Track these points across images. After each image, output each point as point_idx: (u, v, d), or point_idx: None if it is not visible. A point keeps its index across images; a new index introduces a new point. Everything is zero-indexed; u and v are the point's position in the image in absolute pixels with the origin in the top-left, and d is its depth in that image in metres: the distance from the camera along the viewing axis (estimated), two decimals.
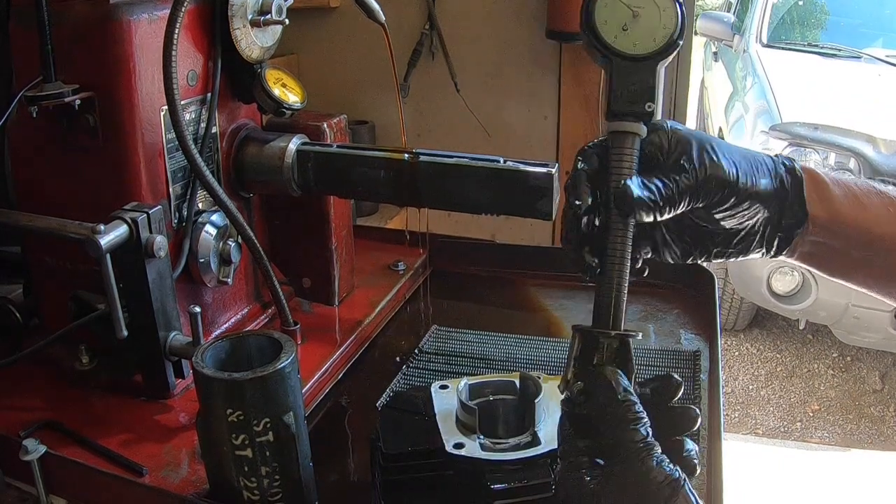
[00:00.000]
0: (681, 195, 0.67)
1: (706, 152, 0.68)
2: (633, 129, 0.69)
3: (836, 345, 3.85)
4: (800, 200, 0.69)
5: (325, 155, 1.07)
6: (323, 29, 2.45)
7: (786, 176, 0.70)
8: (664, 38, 0.68)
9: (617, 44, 0.69)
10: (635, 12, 0.68)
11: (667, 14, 0.68)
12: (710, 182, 0.67)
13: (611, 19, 0.69)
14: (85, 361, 1.01)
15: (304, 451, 0.78)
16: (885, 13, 4.77)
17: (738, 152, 0.69)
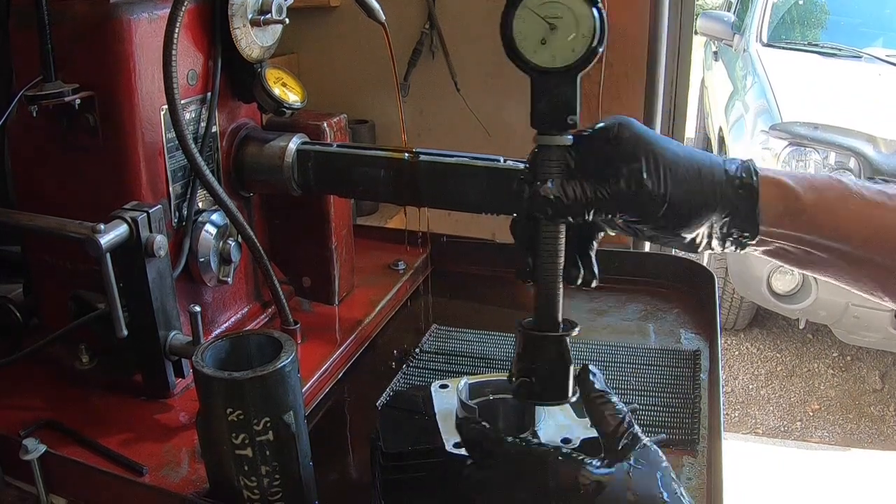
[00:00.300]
0: (599, 203, 0.67)
1: (637, 168, 0.67)
2: (557, 141, 0.70)
3: (836, 344, 3.85)
4: (750, 217, 0.68)
5: (326, 154, 1.06)
6: (323, 28, 2.45)
7: (737, 194, 0.68)
8: (583, 48, 0.68)
9: (536, 58, 0.69)
10: (552, 25, 0.68)
11: (584, 23, 0.67)
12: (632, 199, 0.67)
13: (529, 34, 0.68)
14: (85, 361, 1.01)
15: (304, 451, 0.78)
16: (885, 13, 4.77)
17: (685, 168, 0.67)
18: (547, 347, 0.73)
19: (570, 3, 0.67)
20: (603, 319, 1.25)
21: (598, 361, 1.10)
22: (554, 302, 0.73)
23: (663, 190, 0.66)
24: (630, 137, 0.68)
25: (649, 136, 0.68)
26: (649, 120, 2.16)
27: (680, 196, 0.66)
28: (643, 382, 1.06)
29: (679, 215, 0.67)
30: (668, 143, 0.69)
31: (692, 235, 0.69)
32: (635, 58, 2.16)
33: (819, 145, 3.46)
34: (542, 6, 0.67)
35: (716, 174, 0.68)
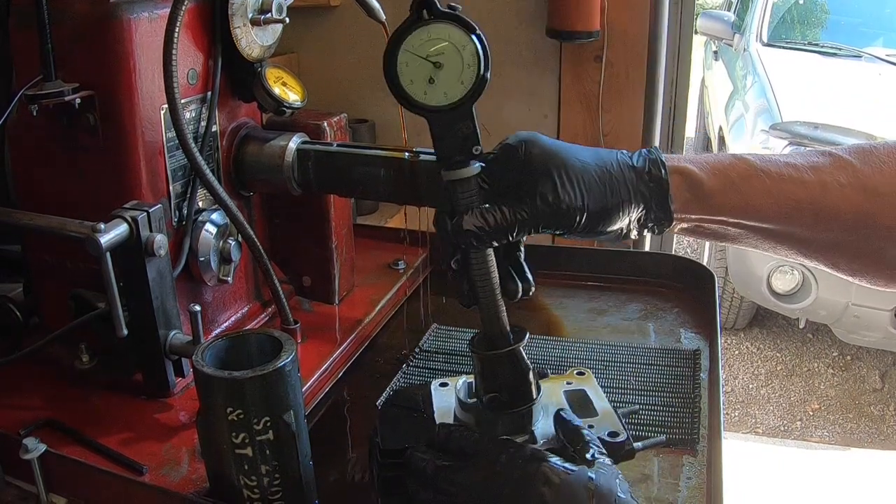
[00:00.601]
0: (520, 224, 0.68)
1: (551, 184, 0.68)
2: (466, 173, 0.71)
3: (836, 344, 3.85)
4: (663, 209, 0.70)
5: (326, 154, 1.06)
6: (323, 27, 2.45)
7: (648, 188, 0.69)
8: (472, 79, 0.69)
9: (428, 99, 0.69)
10: (437, 63, 0.68)
11: (467, 52, 0.68)
12: (551, 215, 0.68)
13: (415, 77, 0.68)
14: (85, 360, 1.01)
15: (304, 450, 0.78)
16: (885, 12, 4.77)
17: (597, 174, 0.69)
18: (503, 362, 0.75)
19: (450, 38, 0.68)
20: (603, 319, 1.26)
21: (598, 361, 1.11)
22: (499, 319, 0.75)
23: (580, 201, 0.68)
24: (539, 154, 0.69)
25: (557, 149, 0.70)
26: (649, 120, 2.16)
27: (596, 202, 0.68)
28: (643, 382, 1.06)
29: (598, 219, 0.69)
30: (576, 151, 0.70)
31: (613, 230, 0.71)
32: (635, 58, 2.16)
33: (819, 145, 3.46)
34: (422, 46, 0.68)
35: (625, 173, 0.69)
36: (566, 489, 0.63)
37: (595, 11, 2.08)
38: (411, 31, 0.68)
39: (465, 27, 0.68)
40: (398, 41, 0.68)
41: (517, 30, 2.27)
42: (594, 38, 2.12)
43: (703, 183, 0.70)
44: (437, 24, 0.68)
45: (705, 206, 0.70)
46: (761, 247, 0.73)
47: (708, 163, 0.71)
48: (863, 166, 0.69)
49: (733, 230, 0.72)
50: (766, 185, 0.69)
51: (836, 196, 0.68)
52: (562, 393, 0.85)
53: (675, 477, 0.89)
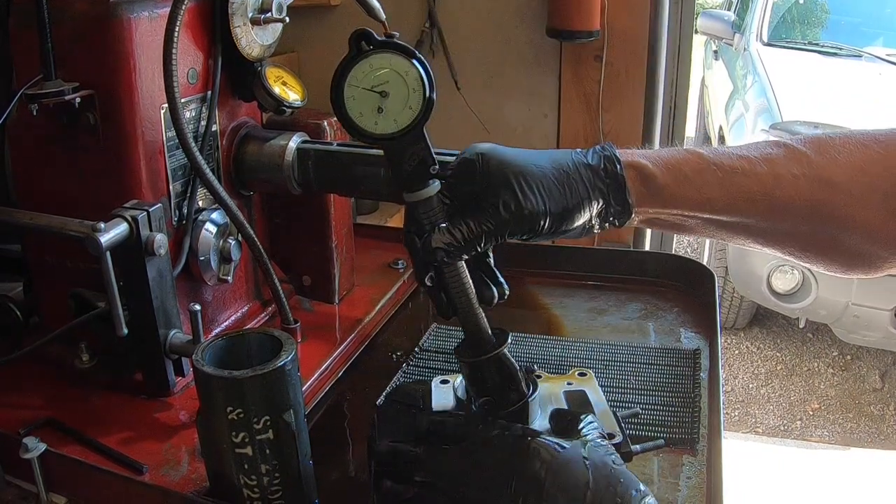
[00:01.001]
0: (487, 235, 0.70)
1: (512, 193, 0.69)
2: (426, 193, 0.72)
3: (836, 343, 3.85)
4: (621, 203, 0.72)
5: (326, 153, 1.07)
6: (323, 27, 2.45)
7: (605, 184, 0.71)
8: (419, 103, 0.70)
9: (379, 129, 0.70)
10: (383, 92, 0.69)
11: (410, 77, 0.69)
12: (516, 222, 0.70)
13: (364, 109, 0.70)
14: (85, 359, 1.01)
15: (304, 449, 0.78)
16: (885, 12, 4.77)
17: (555, 178, 0.70)
18: (490, 366, 0.76)
19: (392, 66, 0.69)
20: (603, 318, 1.26)
21: (598, 361, 1.11)
22: (479, 326, 0.76)
23: (542, 205, 0.69)
24: (496, 164, 0.71)
25: (514, 158, 0.71)
26: (649, 119, 2.16)
27: (557, 204, 0.70)
28: (643, 381, 1.06)
29: (560, 219, 0.71)
30: (532, 157, 0.72)
31: (576, 228, 0.72)
32: (635, 57, 2.16)
33: None
34: (366, 78, 0.69)
35: (582, 172, 0.71)
36: (561, 464, 0.64)
37: (595, 11, 2.08)
38: (353, 64, 0.69)
39: (406, 53, 0.70)
40: (342, 76, 0.69)
41: (517, 29, 2.27)
42: (594, 38, 2.12)
43: (656, 177, 0.71)
44: (378, 55, 0.69)
45: (659, 200, 0.72)
46: (718, 236, 0.75)
47: (661, 157, 0.73)
48: (817, 157, 0.70)
49: (690, 222, 0.73)
50: (718, 177, 0.71)
51: (790, 187, 0.70)
52: (561, 393, 0.85)
53: (675, 476, 0.89)
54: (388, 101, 0.70)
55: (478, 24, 2.31)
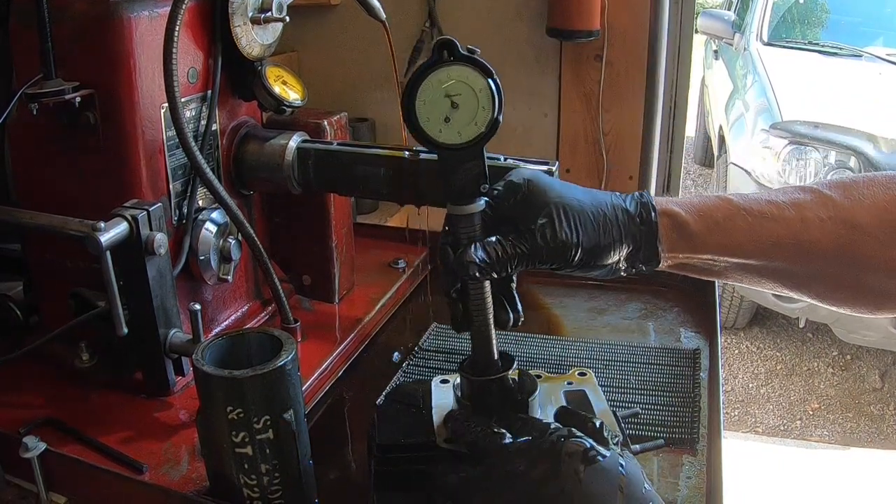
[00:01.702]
0: (520, 258, 0.71)
1: (550, 221, 0.71)
2: (471, 209, 0.73)
3: (836, 343, 3.85)
4: (652, 249, 0.74)
5: (326, 153, 1.06)
6: (323, 26, 2.45)
7: (639, 230, 0.73)
8: (485, 121, 0.71)
9: (442, 137, 0.71)
10: (454, 103, 0.70)
11: (483, 95, 0.70)
12: (549, 251, 0.71)
13: (432, 115, 0.70)
14: (85, 359, 1.01)
15: (303, 449, 0.78)
16: (885, 12, 4.77)
17: (593, 215, 0.72)
18: (492, 388, 0.78)
19: (468, 80, 0.70)
20: (603, 318, 1.26)
21: (598, 360, 1.11)
22: (490, 347, 0.78)
23: (576, 239, 0.71)
24: (539, 192, 0.73)
25: (557, 189, 0.73)
26: (649, 119, 2.16)
27: (590, 240, 0.72)
28: (643, 381, 1.06)
29: (592, 256, 0.72)
30: (574, 191, 0.74)
31: (605, 266, 0.74)
32: (635, 57, 2.16)
33: (819, 144, 3.46)
34: (442, 86, 0.70)
35: (619, 215, 0.73)
36: (600, 472, 0.64)
37: (595, 11, 2.07)
38: (433, 70, 0.70)
39: (483, 71, 0.70)
40: (419, 79, 0.70)
41: (517, 29, 2.27)
42: (594, 38, 2.12)
43: (688, 224, 0.73)
44: (457, 66, 0.70)
45: (691, 246, 0.74)
46: (746, 281, 0.76)
47: (693, 205, 0.74)
48: (843, 200, 0.72)
49: (718, 266, 0.75)
50: (748, 222, 0.72)
51: (817, 230, 0.71)
52: (561, 393, 0.85)
53: (675, 476, 0.89)
54: (456, 112, 0.70)
55: (478, 24, 2.31)
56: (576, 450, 0.65)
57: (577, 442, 0.66)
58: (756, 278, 0.75)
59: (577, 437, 0.67)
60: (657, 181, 2.25)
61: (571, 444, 0.66)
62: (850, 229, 0.71)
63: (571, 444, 0.66)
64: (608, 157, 2.26)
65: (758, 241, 0.72)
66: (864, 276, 0.72)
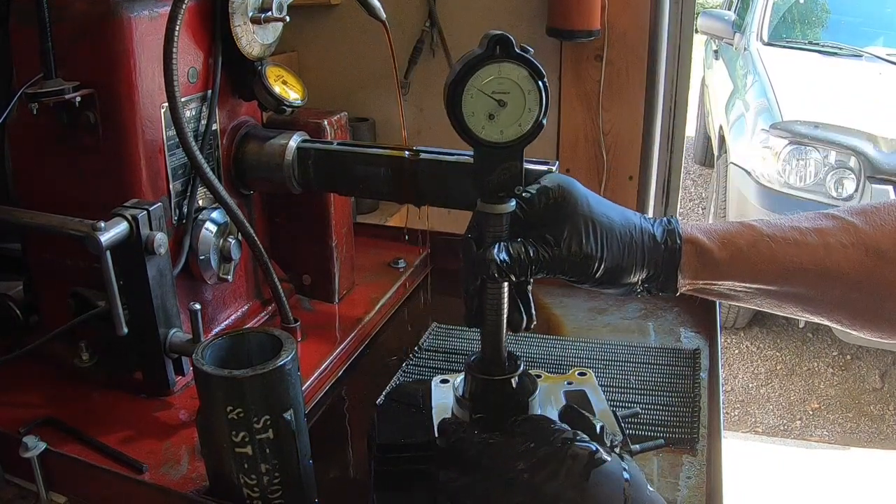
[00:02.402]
0: (541, 265, 0.71)
1: (577, 234, 0.71)
2: (502, 209, 0.72)
3: (836, 343, 3.85)
4: (672, 277, 0.74)
5: (326, 152, 1.06)
6: (324, 26, 2.45)
7: (662, 257, 0.73)
8: (529, 123, 0.70)
9: (484, 134, 0.70)
10: (501, 101, 0.69)
11: (531, 97, 0.69)
12: (571, 263, 0.71)
13: (478, 110, 0.69)
14: (85, 358, 1.01)
15: (303, 449, 0.78)
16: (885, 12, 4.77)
17: (620, 233, 0.72)
18: (496, 388, 0.78)
19: (518, 80, 0.69)
20: (603, 318, 1.26)
21: (599, 360, 1.11)
22: (499, 347, 0.78)
23: (600, 254, 0.71)
24: (572, 202, 0.73)
25: (589, 202, 0.73)
26: (649, 119, 2.16)
27: (614, 260, 0.72)
28: (643, 381, 1.06)
29: (612, 275, 0.73)
30: (605, 207, 0.74)
31: (623, 286, 0.75)
32: (635, 57, 2.16)
33: (819, 144, 3.46)
34: (490, 83, 0.69)
35: (645, 239, 0.73)
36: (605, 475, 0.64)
37: (595, 10, 2.08)
38: (484, 64, 0.68)
39: (536, 73, 0.69)
40: (469, 71, 0.68)
41: (517, 28, 2.27)
42: (594, 37, 2.12)
43: (712, 252, 0.73)
44: (509, 64, 0.68)
45: (714, 273, 0.74)
46: (766, 306, 0.76)
47: (717, 232, 0.75)
48: (865, 226, 0.72)
49: (740, 293, 0.75)
50: (772, 249, 0.72)
51: (840, 256, 0.71)
52: (561, 393, 0.85)
53: (675, 476, 0.89)
54: (502, 110, 0.69)
55: (478, 24, 2.31)
56: (581, 453, 0.65)
57: (582, 445, 0.66)
58: (776, 303, 0.75)
59: (581, 439, 0.67)
60: (657, 181, 2.25)
61: (576, 448, 0.66)
62: (872, 256, 0.71)
63: (576, 447, 0.66)
64: (608, 157, 2.27)
65: (780, 267, 0.72)
66: (885, 302, 0.72)
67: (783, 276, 0.73)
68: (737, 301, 0.77)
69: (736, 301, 0.77)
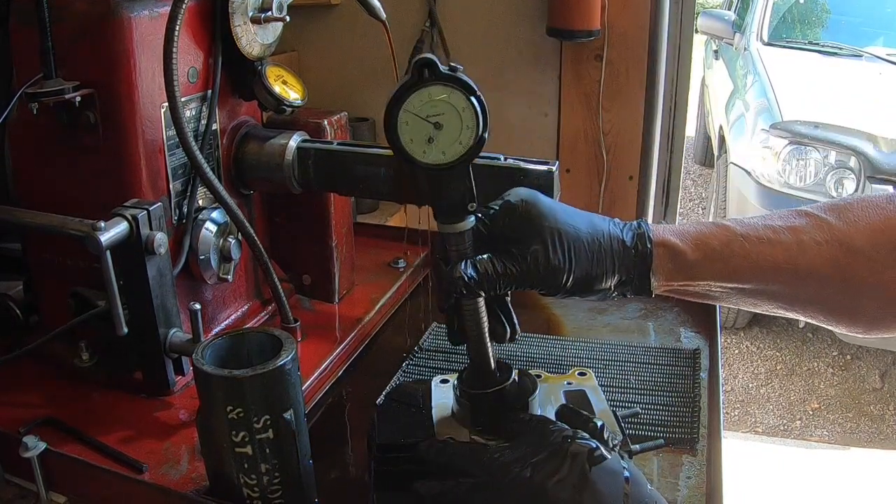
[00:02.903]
0: (509, 279, 0.72)
1: (544, 247, 0.71)
2: (461, 227, 0.73)
3: (836, 343, 3.85)
4: (644, 281, 0.74)
5: (326, 152, 1.06)
6: (324, 26, 2.45)
7: (633, 261, 0.73)
8: (470, 139, 0.70)
9: (427, 158, 0.70)
10: (437, 124, 0.69)
11: (467, 114, 0.69)
12: (539, 276, 0.72)
13: (415, 136, 0.69)
14: (85, 358, 1.01)
15: (303, 449, 0.78)
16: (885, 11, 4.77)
17: (588, 243, 0.72)
18: (488, 401, 0.78)
19: (450, 99, 0.69)
20: (603, 318, 1.26)
21: (598, 360, 1.11)
22: (486, 360, 0.78)
23: (568, 266, 0.72)
24: (536, 215, 0.73)
25: (554, 213, 0.73)
26: (649, 119, 2.16)
27: (583, 270, 0.72)
28: (643, 381, 1.06)
29: (582, 284, 0.73)
30: (572, 217, 0.74)
31: (593, 296, 0.75)
32: (635, 57, 2.16)
33: (819, 144, 3.46)
34: (423, 107, 0.69)
35: (614, 245, 0.73)
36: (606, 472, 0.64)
37: (595, 10, 2.08)
38: (413, 91, 0.69)
39: (466, 90, 0.69)
40: (399, 100, 0.69)
41: (517, 28, 2.27)
42: (594, 37, 2.12)
43: (685, 254, 0.74)
44: (438, 86, 0.69)
45: (688, 275, 0.74)
46: (742, 304, 0.77)
47: (689, 233, 0.75)
48: (838, 223, 0.72)
49: (715, 292, 0.76)
50: (745, 248, 0.73)
51: (814, 254, 0.72)
52: (561, 393, 0.85)
53: (675, 476, 0.89)
54: (440, 132, 0.69)
55: (478, 24, 2.31)
56: (581, 450, 0.65)
57: (582, 443, 0.66)
58: (752, 301, 0.76)
59: (582, 437, 0.67)
60: (657, 181, 2.25)
61: (577, 445, 0.66)
62: (845, 252, 0.71)
63: (577, 445, 0.66)
64: (608, 157, 2.27)
65: (755, 266, 0.73)
66: (859, 298, 0.72)
67: (757, 274, 0.73)
68: (713, 300, 0.78)
69: (712, 300, 0.78)
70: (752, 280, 0.73)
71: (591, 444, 0.66)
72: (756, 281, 0.73)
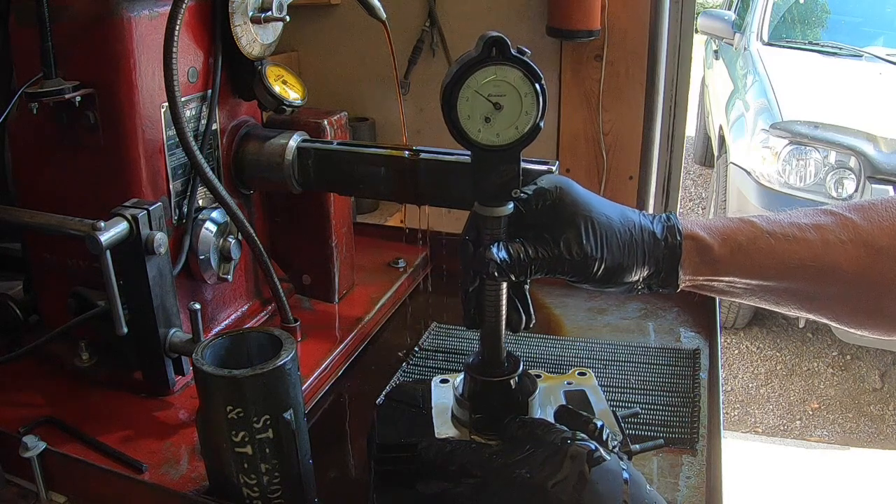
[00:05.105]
0: (540, 265, 0.71)
1: (576, 234, 0.71)
2: (500, 212, 0.72)
3: (836, 343, 3.85)
4: (673, 274, 0.73)
5: (326, 152, 1.06)
6: (324, 26, 2.45)
7: (663, 254, 0.73)
8: (526, 125, 0.69)
9: (481, 137, 0.69)
10: (498, 104, 0.68)
11: (528, 100, 0.68)
12: (571, 263, 0.71)
13: (473, 113, 0.68)
14: (85, 358, 1.01)
15: (303, 449, 0.78)
16: (886, 12, 4.77)
17: (619, 233, 0.72)
18: (495, 389, 0.78)
19: (514, 82, 0.68)
20: (603, 318, 1.26)
21: (598, 360, 1.11)
22: (498, 347, 0.78)
23: (600, 254, 0.71)
24: (570, 202, 0.72)
25: (587, 201, 0.73)
26: (649, 119, 2.16)
27: (614, 259, 0.72)
28: (643, 381, 1.06)
29: (613, 274, 0.72)
30: (604, 206, 0.74)
31: (624, 285, 0.74)
32: (635, 57, 2.16)
33: (819, 144, 3.46)
34: (486, 85, 0.68)
35: (645, 237, 0.73)
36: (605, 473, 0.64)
37: (595, 10, 2.08)
38: (479, 67, 0.67)
39: (532, 75, 0.68)
40: (464, 75, 0.67)
41: (517, 28, 2.27)
42: (594, 37, 2.12)
43: (712, 248, 0.73)
44: (505, 67, 0.68)
45: (713, 269, 0.74)
46: (764, 303, 0.76)
47: (717, 228, 0.75)
48: (863, 222, 0.72)
49: (739, 289, 0.75)
50: (771, 245, 0.73)
51: (838, 252, 0.72)
52: (561, 393, 0.85)
53: (675, 476, 0.89)
54: (498, 113, 0.68)
55: (478, 24, 2.31)
56: (580, 452, 0.65)
57: (582, 444, 0.66)
58: (775, 300, 0.76)
59: (581, 439, 0.67)
60: (657, 181, 2.25)
61: (576, 447, 0.66)
62: (870, 252, 0.71)
63: (576, 446, 0.66)
64: (608, 157, 2.27)
65: (779, 263, 0.72)
66: (881, 298, 0.72)
67: (782, 272, 0.72)
68: (734, 297, 0.77)
69: (733, 297, 0.77)
70: (777, 277, 0.73)
71: (591, 446, 0.66)
72: (780, 278, 0.73)
